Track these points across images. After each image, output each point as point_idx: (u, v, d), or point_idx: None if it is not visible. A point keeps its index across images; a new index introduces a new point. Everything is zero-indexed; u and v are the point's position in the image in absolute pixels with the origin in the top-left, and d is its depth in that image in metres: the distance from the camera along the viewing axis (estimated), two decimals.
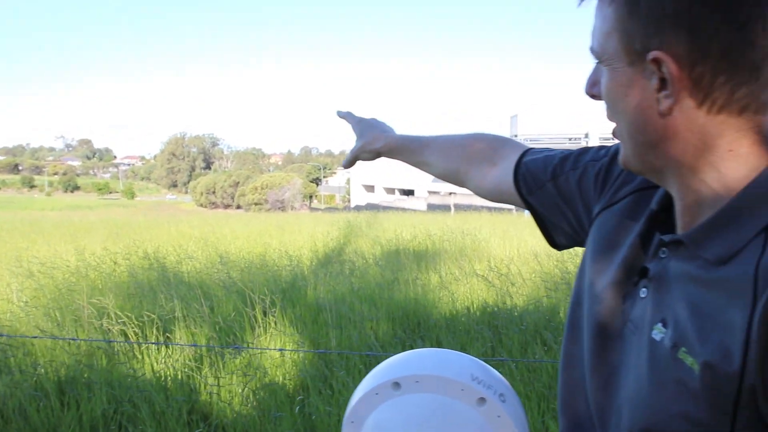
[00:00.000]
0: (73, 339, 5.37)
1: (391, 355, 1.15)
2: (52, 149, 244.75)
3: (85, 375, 4.71)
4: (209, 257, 10.92)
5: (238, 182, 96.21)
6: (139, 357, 5.20)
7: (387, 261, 10.41)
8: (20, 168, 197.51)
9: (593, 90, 0.91)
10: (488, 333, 5.76)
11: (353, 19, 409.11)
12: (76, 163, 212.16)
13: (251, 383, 4.72)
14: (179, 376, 4.82)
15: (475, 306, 6.91)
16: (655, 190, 0.96)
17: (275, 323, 6.00)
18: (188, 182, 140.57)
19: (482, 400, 1.02)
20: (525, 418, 1.08)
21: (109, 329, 5.65)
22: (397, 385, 1.04)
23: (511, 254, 10.74)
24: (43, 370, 4.79)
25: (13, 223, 22.04)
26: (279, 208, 73.78)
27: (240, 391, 4.61)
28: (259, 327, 5.93)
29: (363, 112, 1.65)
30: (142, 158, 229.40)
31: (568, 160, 1.17)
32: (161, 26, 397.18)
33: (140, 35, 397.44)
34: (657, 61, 0.77)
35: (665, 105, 0.78)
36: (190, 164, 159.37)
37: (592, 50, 0.88)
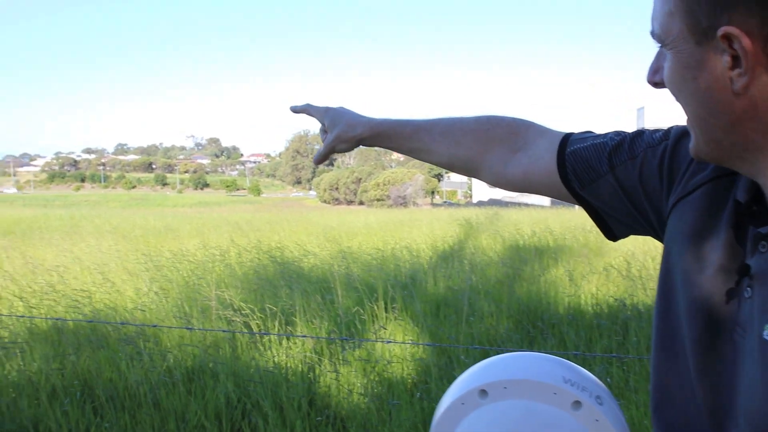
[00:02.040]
0: (200, 329, 5.55)
1: (501, 354, 1.09)
2: (183, 148, 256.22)
3: (211, 364, 4.85)
4: (330, 252, 11.07)
5: (361, 178, 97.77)
6: (262, 348, 5.31)
7: (508, 257, 10.26)
8: (154, 167, 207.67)
9: (655, 78, 0.86)
10: (614, 329, 5.59)
11: (472, 16, 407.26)
12: (206, 161, 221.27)
13: (370, 375, 4.74)
14: (300, 368, 4.90)
15: (600, 302, 6.71)
16: (730, 177, 0.88)
17: (395, 317, 6.02)
18: (312, 179, 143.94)
19: (577, 403, 0.95)
20: (624, 422, 1.01)
21: (233, 321, 5.80)
22: (483, 392, 0.99)
23: (635, 248, 10.41)
24: (172, 359, 4.97)
25: (146, 219, 23.08)
26: (401, 204, 74.48)
27: (359, 382, 4.64)
28: (379, 320, 5.95)
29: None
30: (268, 156, 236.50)
31: (622, 148, 1.06)
32: (284, 29, 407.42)
33: (265, 39, 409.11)
34: (728, 38, 0.71)
35: (740, 83, 0.72)
36: None
37: (653, 34, 0.83)
